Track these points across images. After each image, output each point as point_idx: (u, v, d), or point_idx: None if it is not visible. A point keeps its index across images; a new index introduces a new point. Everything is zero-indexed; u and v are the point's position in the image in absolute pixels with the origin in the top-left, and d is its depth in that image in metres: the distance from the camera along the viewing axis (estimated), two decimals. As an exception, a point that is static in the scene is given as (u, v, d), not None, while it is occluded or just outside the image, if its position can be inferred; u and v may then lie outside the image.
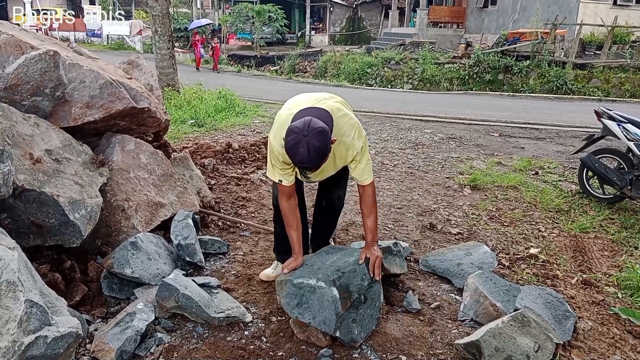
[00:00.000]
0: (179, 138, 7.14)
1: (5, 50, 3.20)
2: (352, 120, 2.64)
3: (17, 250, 2.27)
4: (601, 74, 16.12)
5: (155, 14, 9.43)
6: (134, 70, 4.44)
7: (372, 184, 2.73)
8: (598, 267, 3.71)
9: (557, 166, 6.54)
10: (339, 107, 2.65)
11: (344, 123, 2.59)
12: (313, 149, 2.26)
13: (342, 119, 2.59)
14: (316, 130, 2.28)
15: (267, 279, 3.22)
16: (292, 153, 2.32)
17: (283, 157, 2.51)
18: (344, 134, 2.59)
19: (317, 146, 2.27)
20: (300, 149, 2.27)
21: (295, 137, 2.29)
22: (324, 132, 2.31)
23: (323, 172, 2.75)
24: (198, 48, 21.22)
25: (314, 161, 2.32)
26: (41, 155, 2.91)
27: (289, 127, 2.37)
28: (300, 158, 2.30)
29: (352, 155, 2.64)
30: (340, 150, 2.62)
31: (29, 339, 2.03)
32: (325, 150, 2.33)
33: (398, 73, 19.37)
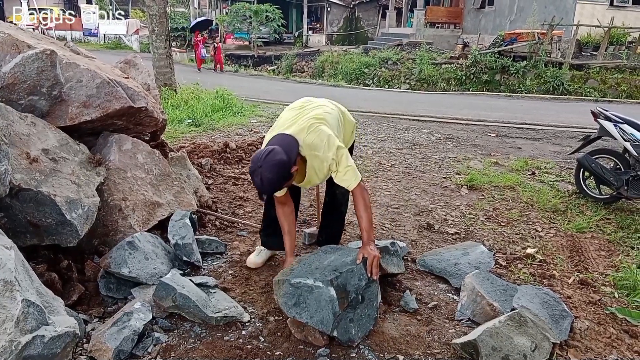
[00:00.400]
0: (176, 138, 7.13)
1: (2, 49, 3.19)
2: (322, 134, 2.75)
3: (14, 250, 2.27)
4: (598, 75, 16.18)
5: (153, 13, 9.42)
6: (131, 69, 4.43)
7: (359, 186, 2.80)
8: (595, 267, 3.72)
9: (554, 166, 6.56)
10: (312, 124, 2.79)
11: (313, 139, 2.73)
12: (265, 179, 2.53)
13: (311, 136, 2.74)
14: (271, 162, 2.52)
15: (253, 265, 3.36)
16: (251, 179, 2.62)
17: None
18: (315, 149, 2.73)
19: (268, 177, 2.53)
20: (255, 178, 2.56)
21: (253, 166, 2.57)
22: (279, 164, 2.53)
23: (311, 182, 2.93)
24: (199, 48, 20.64)
25: (267, 190, 2.61)
26: (38, 154, 2.90)
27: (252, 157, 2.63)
28: (256, 185, 2.59)
29: (327, 166, 2.77)
30: (317, 163, 2.78)
31: (26, 338, 2.02)
32: (276, 182, 2.57)
33: (395, 73, 19.39)
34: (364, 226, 2.80)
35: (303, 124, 2.78)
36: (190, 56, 25.11)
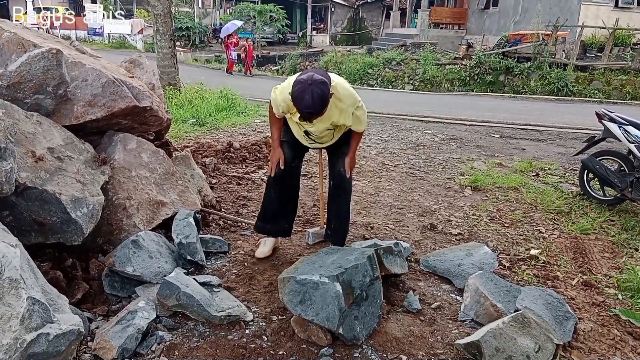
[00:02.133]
0: (180, 137, 7.15)
1: (8, 48, 3.20)
2: (353, 95, 3.10)
3: (20, 248, 2.28)
4: (602, 76, 16.13)
5: (157, 13, 9.44)
6: (135, 69, 4.44)
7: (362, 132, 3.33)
8: (598, 269, 3.71)
9: (558, 168, 6.55)
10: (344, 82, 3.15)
11: (343, 91, 3.05)
12: (316, 95, 2.73)
13: (342, 87, 3.06)
14: (318, 80, 2.76)
15: (262, 255, 3.49)
16: (299, 100, 2.78)
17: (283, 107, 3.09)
18: (340, 99, 3.02)
19: (319, 93, 2.74)
20: (306, 96, 2.73)
21: (301, 86, 2.76)
22: (325, 83, 2.79)
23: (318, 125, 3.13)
24: (230, 50, 19.82)
25: (317, 106, 2.78)
26: (43, 153, 2.91)
27: (295, 79, 2.85)
28: (306, 104, 2.75)
29: (343, 120, 3.10)
30: (333, 112, 3.04)
31: (30, 336, 2.03)
32: (325, 98, 2.80)
33: (399, 74, 19.36)
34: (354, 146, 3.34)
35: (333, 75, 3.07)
36: (195, 56, 25.16)
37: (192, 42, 29.13)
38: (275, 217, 3.48)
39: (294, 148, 3.43)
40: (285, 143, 3.39)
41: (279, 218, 3.50)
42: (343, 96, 3.04)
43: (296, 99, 2.79)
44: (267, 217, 3.50)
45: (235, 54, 20.14)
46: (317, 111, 2.81)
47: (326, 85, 2.80)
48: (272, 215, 3.48)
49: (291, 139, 3.44)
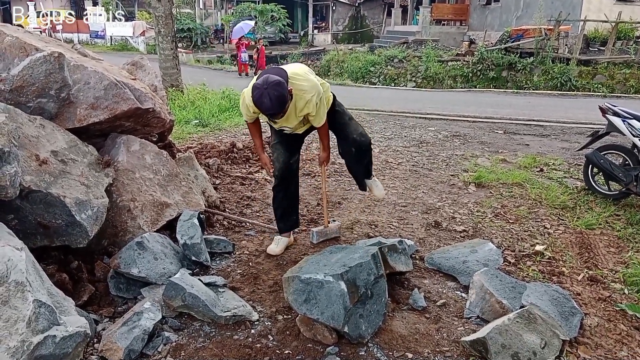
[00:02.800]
0: (183, 138, 7.16)
1: (10, 52, 3.21)
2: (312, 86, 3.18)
3: (25, 251, 2.29)
4: (605, 70, 16.06)
5: (159, 14, 9.44)
6: (138, 71, 4.45)
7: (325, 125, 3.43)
8: (604, 264, 3.70)
9: (562, 163, 6.52)
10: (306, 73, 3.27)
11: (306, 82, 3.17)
12: (274, 97, 2.89)
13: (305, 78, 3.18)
14: (273, 82, 2.91)
15: (273, 253, 3.60)
16: (258, 104, 2.96)
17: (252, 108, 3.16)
18: (304, 92, 3.13)
19: (276, 95, 2.90)
20: (264, 100, 2.90)
21: (258, 91, 2.92)
22: (280, 83, 2.93)
23: (289, 120, 3.27)
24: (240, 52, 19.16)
25: (276, 107, 2.93)
26: (47, 156, 2.92)
27: (252, 85, 3.01)
28: (266, 107, 2.92)
29: (307, 110, 3.20)
30: (300, 103, 3.17)
31: (37, 338, 2.05)
32: (283, 97, 2.93)
33: (401, 71, 19.33)
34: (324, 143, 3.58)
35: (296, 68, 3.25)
36: (197, 57, 25.15)
37: (193, 43, 29.12)
38: (288, 214, 3.72)
39: (288, 146, 3.57)
40: (277, 144, 3.57)
41: (291, 214, 3.74)
42: (307, 87, 3.16)
43: (256, 104, 2.99)
44: (281, 216, 3.71)
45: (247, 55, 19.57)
46: (277, 111, 2.98)
47: (282, 86, 2.94)
48: (284, 213, 3.70)
49: (281, 138, 3.56)
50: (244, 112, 3.42)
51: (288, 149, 3.56)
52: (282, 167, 3.54)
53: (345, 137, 3.62)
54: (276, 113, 2.99)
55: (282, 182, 3.60)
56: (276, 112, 2.99)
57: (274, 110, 2.96)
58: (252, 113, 3.31)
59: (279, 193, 3.65)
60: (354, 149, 3.63)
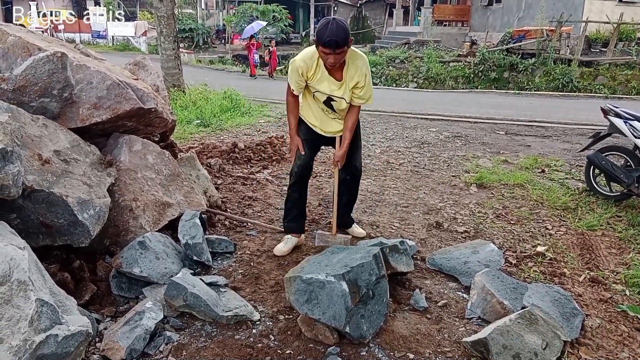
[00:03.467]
0: (185, 138, 7.17)
1: (13, 52, 3.22)
2: (364, 55, 3.37)
3: (28, 250, 2.30)
4: (607, 71, 16.05)
5: (161, 15, 9.46)
6: (140, 71, 4.46)
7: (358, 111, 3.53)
8: (605, 265, 3.70)
9: (564, 164, 6.52)
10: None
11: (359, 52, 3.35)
12: (340, 25, 3.01)
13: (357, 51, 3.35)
14: (339, 18, 3.11)
15: (280, 253, 3.57)
16: (322, 30, 3.02)
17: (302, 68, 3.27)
18: (357, 59, 3.30)
19: (341, 24, 3.03)
20: (330, 26, 2.98)
21: (324, 20, 3.05)
22: (345, 21, 3.12)
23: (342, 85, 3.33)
24: (252, 53, 18.82)
25: (340, 34, 2.99)
26: (50, 156, 2.93)
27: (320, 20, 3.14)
28: (330, 32, 2.97)
29: (357, 78, 3.30)
30: (351, 69, 3.29)
31: (39, 337, 2.05)
32: (347, 30, 3.04)
33: (403, 72, 19.34)
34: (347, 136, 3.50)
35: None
36: (199, 57, 25.17)
37: (195, 44, 29.16)
38: (302, 214, 3.78)
39: (311, 146, 3.60)
40: (305, 142, 3.56)
41: (302, 216, 3.79)
42: (359, 55, 3.33)
43: (321, 31, 3.02)
44: (290, 217, 3.73)
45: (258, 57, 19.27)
46: (340, 39, 2.99)
47: (346, 23, 3.11)
48: (298, 214, 3.74)
49: (308, 135, 3.58)
50: (292, 79, 3.39)
51: (312, 148, 3.62)
52: (304, 165, 3.58)
53: (348, 163, 3.64)
54: (338, 41, 2.99)
55: (299, 181, 3.63)
56: (339, 40, 2.98)
57: (337, 37, 2.97)
58: (300, 78, 3.32)
59: (295, 193, 3.67)
60: (349, 176, 3.74)
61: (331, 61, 3.12)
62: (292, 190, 3.68)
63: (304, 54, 3.32)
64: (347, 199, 3.88)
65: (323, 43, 3.03)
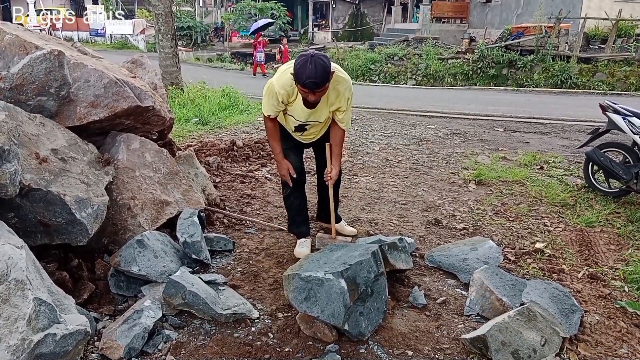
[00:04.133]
0: (183, 136, 7.16)
1: (10, 50, 3.21)
2: (347, 79, 3.19)
3: (25, 249, 2.29)
4: (606, 68, 16.03)
5: (158, 12, 9.44)
6: (137, 69, 4.44)
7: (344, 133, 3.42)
8: (604, 261, 3.70)
9: (562, 160, 6.52)
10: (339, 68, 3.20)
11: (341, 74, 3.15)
12: (319, 65, 2.80)
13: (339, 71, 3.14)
14: (320, 54, 2.88)
15: (302, 255, 3.41)
16: (302, 70, 2.82)
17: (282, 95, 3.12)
18: (339, 83, 3.12)
19: (322, 63, 2.82)
20: (309, 66, 2.79)
21: (304, 58, 2.84)
22: (326, 57, 2.89)
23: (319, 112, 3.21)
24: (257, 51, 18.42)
25: (320, 75, 2.81)
26: (47, 154, 2.92)
27: (298, 56, 2.91)
28: (309, 73, 2.79)
29: (339, 104, 3.19)
30: (332, 95, 3.14)
31: (38, 336, 2.05)
32: (328, 69, 2.85)
33: (401, 69, 19.30)
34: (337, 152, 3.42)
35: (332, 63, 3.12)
36: (197, 55, 25.12)
37: (193, 41, 29.12)
38: (305, 219, 3.74)
39: (298, 151, 3.58)
40: (289, 150, 3.51)
41: (306, 220, 3.76)
42: (341, 79, 3.14)
43: (299, 71, 2.84)
44: (298, 223, 3.71)
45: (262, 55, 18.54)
46: (320, 81, 2.84)
47: (327, 59, 2.88)
48: (303, 219, 3.71)
49: (291, 143, 3.54)
50: (269, 105, 3.24)
51: (298, 153, 3.59)
52: (297, 172, 3.52)
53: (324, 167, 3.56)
54: (319, 83, 2.83)
55: (298, 188, 3.59)
56: (319, 82, 2.83)
57: (317, 79, 2.80)
58: (279, 104, 3.18)
59: (297, 199, 3.64)
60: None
61: (312, 99, 2.99)
62: (293, 197, 3.63)
63: (283, 81, 3.11)
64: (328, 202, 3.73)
65: (302, 84, 2.87)
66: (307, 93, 2.93)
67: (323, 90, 2.95)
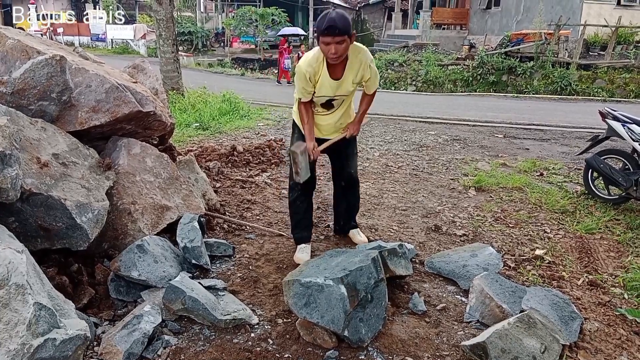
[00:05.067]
0: (183, 141, 7.17)
1: (12, 55, 3.22)
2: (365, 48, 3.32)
3: (26, 254, 2.30)
4: (605, 75, 16.08)
5: (160, 18, 9.47)
6: (139, 74, 4.46)
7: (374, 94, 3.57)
8: (604, 268, 3.70)
9: (562, 167, 6.53)
10: None
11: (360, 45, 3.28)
12: (339, 13, 2.98)
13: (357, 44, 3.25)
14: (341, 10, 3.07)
15: (302, 261, 3.43)
16: (321, 20, 2.97)
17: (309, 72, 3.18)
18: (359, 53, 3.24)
19: (341, 13, 2.99)
20: (329, 15, 2.94)
21: (325, 11, 3.03)
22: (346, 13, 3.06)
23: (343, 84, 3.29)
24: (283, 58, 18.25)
25: (338, 20, 2.92)
26: (48, 159, 2.93)
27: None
28: (329, 19, 2.91)
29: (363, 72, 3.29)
30: (355, 65, 3.24)
31: (37, 341, 2.05)
32: (347, 18, 3.00)
33: (402, 75, 19.37)
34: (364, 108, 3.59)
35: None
36: (198, 60, 25.18)
37: (194, 47, 29.20)
38: (309, 225, 3.76)
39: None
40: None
41: (309, 225, 3.78)
42: (360, 48, 3.26)
43: (320, 21, 2.99)
44: (300, 228, 3.71)
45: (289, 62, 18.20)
46: (339, 25, 2.91)
47: (347, 14, 3.06)
48: (306, 224, 3.73)
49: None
50: (299, 88, 3.29)
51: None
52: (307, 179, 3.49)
53: (342, 168, 3.70)
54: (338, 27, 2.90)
55: (305, 192, 3.62)
56: (338, 27, 2.90)
57: (336, 23, 2.89)
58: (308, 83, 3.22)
59: (303, 203, 3.66)
60: (344, 183, 3.77)
61: (333, 51, 3.00)
62: (299, 201, 3.64)
63: (308, 58, 3.22)
64: (346, 206, 3.89)
65: (322, 31, 2.94)
66: (329, 44, 2.98)
67: (344, 42, 2.99)
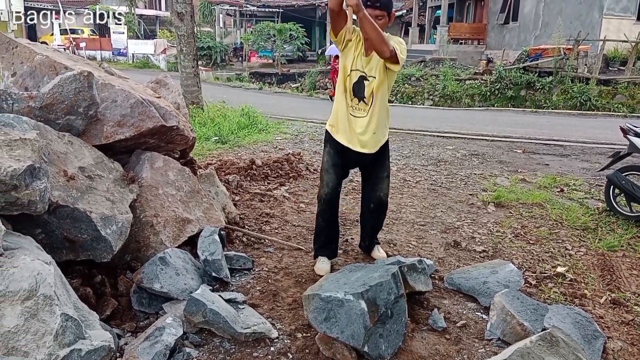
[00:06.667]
0: (203, 155, 7.25)
1: (41, 70, 3.32)
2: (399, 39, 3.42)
3: (53, 265, 2.34)
4: (626, 90, 15.91)
5: (181, 33, 9.66)
6: (161, 89, 4.54)
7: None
8: (627, 286, 3.64)
9: (583, 183, 6.46)
10: None
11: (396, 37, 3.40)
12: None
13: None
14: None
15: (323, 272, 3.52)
16: None
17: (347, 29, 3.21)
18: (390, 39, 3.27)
19: None
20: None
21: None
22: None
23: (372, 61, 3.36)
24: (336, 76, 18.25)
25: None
26: (75, 172, 2.99)
27: None
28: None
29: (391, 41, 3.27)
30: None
31: (64, 352, 2.08)
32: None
33: (419, 89, 19.37)
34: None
35: None
36: (216, 74, 25.50)
37: (213, 61, 29.63)
38: (330, 241, 3.73)
39: (339, 172, 3.60)
40: (331, 168, 3.56)
41: (331, 242, 3.74)
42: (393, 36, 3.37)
43: None
44: (320, 244, 3.72)
45: None
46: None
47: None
48: (326, 241, 3.71)
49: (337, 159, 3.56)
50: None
51: (338, 174, 3.59)
52: (330, 192, 3.56)
53: (373, 190, 3.70)
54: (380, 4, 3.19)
55: (329, 208, 3.63)
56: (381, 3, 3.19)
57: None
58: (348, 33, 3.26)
59: (324, 221, 3.68)
60: (373, 205, 3.73)
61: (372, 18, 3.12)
62: (321, 217, 3.68)
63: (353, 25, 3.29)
64: (370, 228, 3.90)
65: (365, 2, 3.12)
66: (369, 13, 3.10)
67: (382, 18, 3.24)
